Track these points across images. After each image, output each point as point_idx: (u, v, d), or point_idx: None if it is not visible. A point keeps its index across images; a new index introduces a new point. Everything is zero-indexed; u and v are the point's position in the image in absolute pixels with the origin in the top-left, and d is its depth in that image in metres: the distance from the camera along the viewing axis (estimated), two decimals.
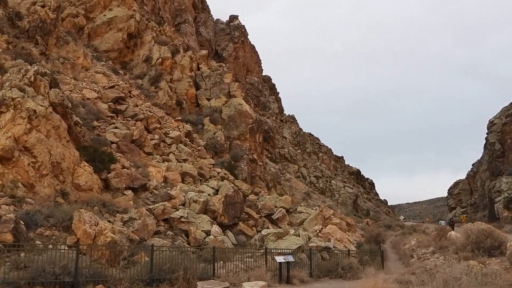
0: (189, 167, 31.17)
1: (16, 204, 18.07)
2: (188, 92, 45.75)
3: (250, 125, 43.69)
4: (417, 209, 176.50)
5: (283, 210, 30.82)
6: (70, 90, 31.40)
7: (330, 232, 28.04)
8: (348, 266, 20.68)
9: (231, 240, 23.68)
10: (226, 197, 25.80)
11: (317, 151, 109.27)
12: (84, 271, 13.87)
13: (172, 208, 23.26)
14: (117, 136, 28.95)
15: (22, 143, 20.40)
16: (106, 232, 16.72)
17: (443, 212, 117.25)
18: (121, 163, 26.02)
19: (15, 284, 12.29)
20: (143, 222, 19.43)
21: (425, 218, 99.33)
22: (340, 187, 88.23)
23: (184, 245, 20.13)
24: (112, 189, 24.00)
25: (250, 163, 42.20)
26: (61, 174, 21.51)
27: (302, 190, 68.92)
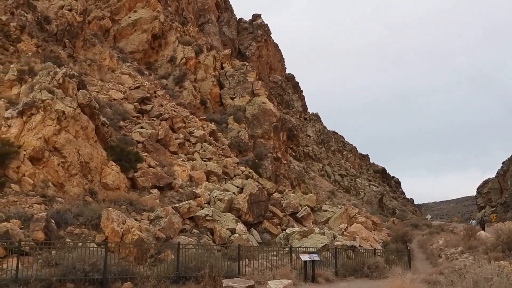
0: (213, 165, 31.38)
1: (47, 203, 18.57)
2: (212, 91, 46.02)
3: (274, 123, 43.67)
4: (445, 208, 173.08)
5: (307, 208, 30.72)
6: (97, 91, 32.01)
7: (355, 231, 27.80)
8: (374, 266, 20.47)
9: (256, 239, 23.75)
10: (250, 196, 25.88)
11: (342, 149, 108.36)
12: (112, 268, 14.16)
13: (198, 206, 23.47)
14: (143, 136, 29.37)
15: (52, 143, 20.94)
16: (133, 230, 17.01)
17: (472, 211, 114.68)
18: (147, 162, 26.40)
19: (47, 280, 12.64)
20: (169, 220, 19.68)
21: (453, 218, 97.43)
22: (365, 185, 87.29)
23: (209, 243, 20.29)
24: (139, 188, 24.39)
25: (274, 162, 42.18)
26: (89, 173, 21.98)
27: (326, 188, 68.48)
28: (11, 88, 25.10)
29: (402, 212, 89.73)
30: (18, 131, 20.48)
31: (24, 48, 30.64)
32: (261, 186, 29.81)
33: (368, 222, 31.97)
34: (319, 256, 18.88)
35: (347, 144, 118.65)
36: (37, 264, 13.48)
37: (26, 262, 13.43)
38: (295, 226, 27.32)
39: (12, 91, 24.87)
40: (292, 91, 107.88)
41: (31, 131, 20.55)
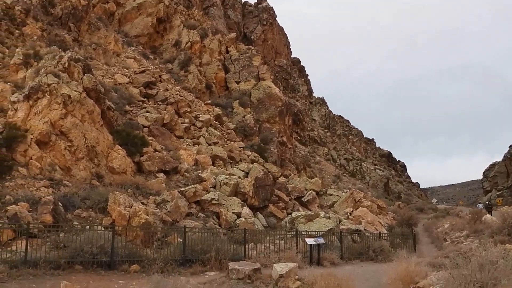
0: (219, 150, 31.43)
1: (54, 186, 18.74)
2: (217, 75, 45.84)
3: (279, 107, 43.53)
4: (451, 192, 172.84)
5: (313, 192, 30.79)
6: (103, 76, 31.98)
7: (361, 214, 27.88)
8: (380, 249, 20.57)
9: (262, 222, 23.89)
10: (256, 180, 25.94)
11: (347, 134, 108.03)
12: (120, 251, 14.33)
13: (203, 190, 23.57)
14: (148, 120, 29.41)
15: (58, 127, 21.03)
16: (140, 213, 17.15)
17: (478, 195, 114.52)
18: (153, 146, 26.48)
19: (55, 262, 12.83)
20: (175, 204, 19.81)
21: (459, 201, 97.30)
22: (371, 169, 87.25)
23: (215, 227, 20.43)
24: (145, 172, 24.51)
25: (279, 146, 42.16)
26: (96, 157, 22.10)
27: (332, 172, 68.53)
28: (17, 72, 25.15)
29: (408, 196, 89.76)
30: (25, 115, 20.56)
31: (29, 31, 30.56)
32: (267, 171, 29.87)
33: (374, 206, 32.04)
34: (324, 240, 18.99)
35: (353, 129, 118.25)
36: (45, 246, 13.68)
37: (35, 244, 13.62)
38: (300, 210, 27.42)
39: (18, 75, 24.93)
40: (297, 75, 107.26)
41: (37, 115, 20.62)
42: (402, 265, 11.31)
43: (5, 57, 26.71)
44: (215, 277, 13.67)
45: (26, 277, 11.83)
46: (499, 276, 7.24)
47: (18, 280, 11.51)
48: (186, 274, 13.81)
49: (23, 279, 11.69)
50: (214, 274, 14.23)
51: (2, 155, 18.59)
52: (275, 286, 12.47)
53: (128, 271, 13.71)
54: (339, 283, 11.28)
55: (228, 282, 12.94)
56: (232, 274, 13.49)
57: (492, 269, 7.41)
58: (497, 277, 7.23)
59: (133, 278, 13.13)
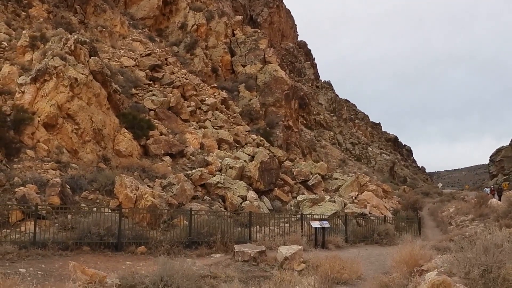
0: (225, 133, 31.45)
1: (62, 169, 18.89)
2: (223, 58, 45.61)
3: (285, 91, 43.34)
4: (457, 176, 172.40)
5: (318, 176, 30.81)
6: (109, 58, 31.91)
7: (366, 198, 27.91)
8: (384, 233, 20.63)
9: (267, 206, 23.99)
10: (261, 164, 25.98)
11: (353, 118, 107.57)
12: (126, 233, 14.48)
13: (209, 174, 23.66)
14: (154, 104, 29.41)
15: (65, 110, 21.09)
16: (146, 196, 17.27)
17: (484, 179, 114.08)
18: (159, 130, 26.53)
19: (63, 243, 13.00)
20: (181, 187, 19.91)
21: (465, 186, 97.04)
22: (377, 154, 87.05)
23: (221, 210, 20.54)
24: (151, 155, 24.61)
25: (285, 130, 42.11)
26: (102, 140, 22.19)
27: (337, 157, 68.46)
28: (23, 54, 25.16)
29: (413, 180, 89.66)
30: (32, 98, 20.63)
31: (35, 14, 30.47)
32: (272, 154, 29.89)
33: (379, 190, 32.06)
34: (329, 223, 19.03)
35: (359, 113, 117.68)
36: (53, 228, 13.83)
37: (43, 226, 13.79)
38: (305, 194, 27.50)
39: (25, 57, 24.94)
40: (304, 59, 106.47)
41: (44, 98, 20.68)
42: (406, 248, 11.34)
43: (12, 39, 26.70)
44: (220, 259, 13.79)
45: (35, 258, 12.00)
46: (504, 259, 7.24)
47: (27, 260, 11.69)
48: (192, 256, 13.94)
49: (32, 259, 11.86)
50: (220, 256, 14.35)
51: (10, 137, 18.71)
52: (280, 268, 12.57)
53: (135, 252, 13.86)
54: (344, 266, 11.35)
55: (234, 264, 13.05)
56: (238, 257, 13.60)
57: (497, 252, 7.41)
58: (502, 260, 7.23)
59: (139, 259, 13.28)
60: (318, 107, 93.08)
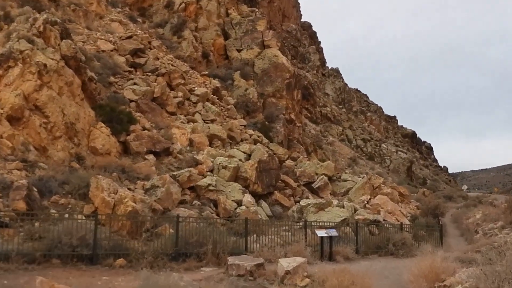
0: (217, 128, 31.38)
1: (28, 169, 18.77)
2: (216, 42, 45.48)
3: (287, 80, 43.27)
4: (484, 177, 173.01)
5: (325, 178, 30.80)
6: (83, 41, 31.77)
7: (379, 203, 27.93)
8: (401, 242, 20.63)
9: (266, 211, 23.95)
10: (259, 163, 25.93)
11: (365, 110, 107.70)
12: (103, 243, 14.39)
13: (199, 175, 23.60)
14: (136, 94, 29.31)
15: (33, 101, 20.95)
16: (126, 201, 17.18)
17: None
18: (141, 124, 26.44)
19: (30, 256, 12.88)
20: (166, 190, 19.84)
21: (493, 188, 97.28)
22: (392, 151, 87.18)
23: (212, 217, 20.50)
24: (132, 153, 24.52)
25: (287, 124, 42.06)
26: (75, 136, 22.08)
27: (347, 155, 68.52)
28: None
29: (434, 182, 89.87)
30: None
31: None
32: (272, 152, 29.85)
33: (394, 193, 32.07)
34: (337, 232, 19.02)
35: (372, 104, 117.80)
36: (18, 238, 13.71)
37: (6, 235, 13.67)
38: (310, 198, 27.48)
39: None
40: (308, 43, 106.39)
41: (8, 87, 20.54)
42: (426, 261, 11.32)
43: None
44: (212, 273, 13.74)
45: None
46: None
47: None
48: (179, 270, 13.88)
49: None
50: (211, 270, 14.30)
51: None
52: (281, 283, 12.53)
53: (113, 266, 13.78)
54: (354, 281, 11.30)
55: (227, 279, 13.00)
56: (232, 270, 13.55)
57: None
58: None
59: (118, 273, 13.20)
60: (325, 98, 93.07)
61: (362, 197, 28.86)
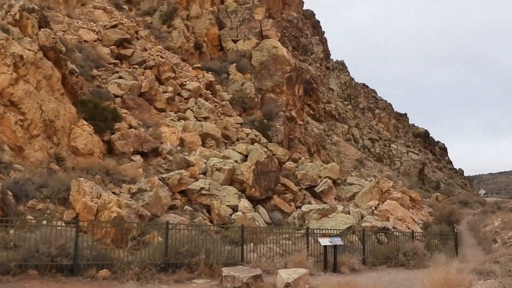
0: (211, 127, 31.38)
1: (3, 171, 18.72)
2: (209, 32, 45.48)
3: (287, 73, 43.28)
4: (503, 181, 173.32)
5: (329, 181, 30.82)
6: (64, 31, 31.72)
7: (388, 209, 27.98)
8: (412, 252, 20.70)
9: (264, 218, 23.97)
10: (257, 165, 25.94)
11: (373, 107, 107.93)
12: (85, 252, 14.36)
13: (191, 177, 23.60)
14: (121, 88, 29.28)
15: (8, 96, 20.89)
16: (110, 206, 17.17)
17: None
18: (127, 121, 26.42)
19: (4, 266, 12.85)
20: (155, 194, 19.84)
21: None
22: (402, 152, 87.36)
23: (205, 223, 20.51)
24: (117, 153, 24.50)
25: (287, 122, 42.08)
26: (55, 134, 22.04)
27: (353, 156, 68.62)
28: None
29: (448, 186, 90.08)
30: None
31: None
32: (271, 153, 29.87)
33: (405, 198, 32.14)
34: (342, 240, 19.05)
35: (380, 101, 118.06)
36: None
37: None
38: (312, 203, 27.51)
39: None
40: (311, 33, 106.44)
41: None
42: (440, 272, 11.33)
43: None
44: (205, 286, 13.75)
45: None
46: None
47: None
48: (168, 282, 13.88)
49: None
50: (204, 282, 14.31)
51: None
52: None
53: (96, 277, 13.77)
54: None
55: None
56: (227, 282, 13.55)
57: None
58: None
59: (101, 286, 13.20)
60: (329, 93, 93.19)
61: (370, 202, 28.90)
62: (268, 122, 39.27)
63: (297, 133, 44.46)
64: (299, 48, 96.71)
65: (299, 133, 45.09)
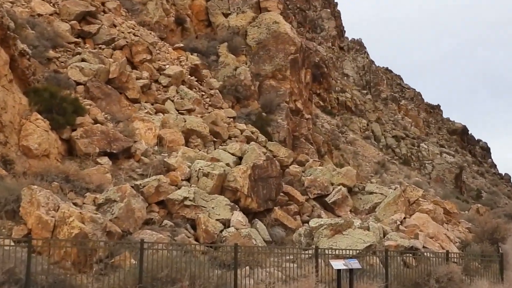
0: (196, 121, 31.36)
1: None
2: (194, 4, 45.45)
3: (291, 55, 43.29)
4: None
5: (343, 189, 30.79)
6: (12, 2, 31.63)
7: (417, 224, 27.96)
8: (447, 278, 20.67)
9: (262, 235, 23.94)
10: (254, 169, 25.90)
11: (398, 97, 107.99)
12: (39, 278, 14.31)
13: (171, 185, 23.56)
14: (85, 74, 29.23)
15: None
16: (71, 220, 17.11)
17: None
18: (92, 115, 26.37)
19: None
20: (127, 206, 19.79)
21: None
22: (435, 153, 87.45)
23: (190, 242, 20.47)
24: (79, 155, 24.46)
25: (291, 116, 42.09)
26: (1, 131, 21.99)
27: (373, 158, 68.74)
28: None
29: (492, 195, 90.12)
30: None
31: None
32: (271, 154, 29.83)
33: (438, 210, 32.12)
34: (360, 263, 19.03)
35: (407, 89, 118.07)
36: None
37: None
38: (323, 217, 27.49)
39: None
40: (320, 5, 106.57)
41: None
42: None
43: None
44: None
45: None
46: None
47: None
48: None
49: None
50: None
51: None
52: None
53: None
54: None
55: None
56: None
57: None
58: None
59: None
60: (343, 80, 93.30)
61: (394, 215, 28.87)
62: (268, 116, 39.27)
63: (304, 130, 44.49)
64: (306, 23, 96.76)
65: (306, 129, 45.11)
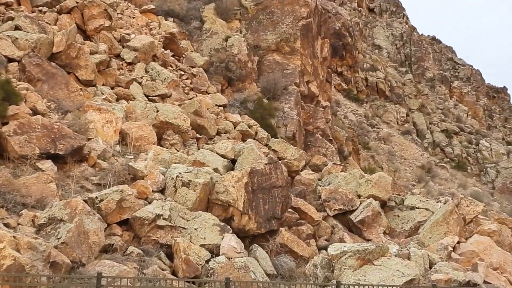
0: (172, 111, 31.33)
1: None
2: None
3: (302, 20, 43.35)
4: None
5: (374, 203, 30.83)
6: None
7: (477, 250, 28.02)
8: None
9: (264, 266, 23.95)
10: (252, 176, 25.88)
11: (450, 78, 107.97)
12: None
13: (139, 198, 23.54)
14: (19, 47, 29.30)
15: None
16: (2, 247, 17.16)
17: None
18: (29, 103, 26.40)
19: None
20: (78, 227, 19.80)
21: None
22: (500, 154, 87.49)
23: (164, 276, 20.49)
24: (12, 158, 24.47)
25: (303, 104, 42.12)
26: None
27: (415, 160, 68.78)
28: None
29: None
30: None
31: None
32: (275, 156, 29.82)
33: (505, 232, 32.16)
34: None
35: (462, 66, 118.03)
36: None
37: None
38: (347, 241, 27.54)
39: None
40: None
41: None
42: None
43: None
44: None
45: None
46: None
47: None
48: None
49: None
50: None
51: None
52: None
53: None
54: None
55: None
56: None
57: None
58: None
59: None
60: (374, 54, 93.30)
61: (445, 239, 28.94)
62: (271, 104, 39.26)
63: (320, 122, 44.47)
64: None
65: (324, 121, 45.11)
